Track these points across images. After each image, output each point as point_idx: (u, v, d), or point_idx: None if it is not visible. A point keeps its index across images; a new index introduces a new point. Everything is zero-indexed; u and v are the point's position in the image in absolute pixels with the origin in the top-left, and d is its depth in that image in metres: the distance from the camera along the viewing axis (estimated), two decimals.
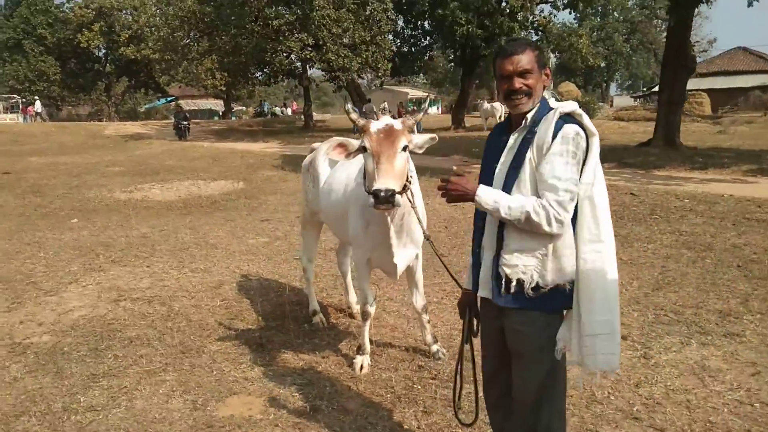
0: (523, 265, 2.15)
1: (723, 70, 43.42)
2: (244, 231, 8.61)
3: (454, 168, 4.79)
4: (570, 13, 36.35)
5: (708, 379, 3.70)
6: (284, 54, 24.53)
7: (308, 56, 23.90)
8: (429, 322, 4.18)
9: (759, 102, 40.46)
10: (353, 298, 5.09)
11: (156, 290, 5.75)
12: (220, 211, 10.53)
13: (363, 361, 4.01)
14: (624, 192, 10.25)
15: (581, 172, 2.10)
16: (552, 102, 2.24)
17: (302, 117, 40.37)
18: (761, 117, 32.26)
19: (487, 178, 2.33)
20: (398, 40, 31.40)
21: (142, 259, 6.97)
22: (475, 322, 2.55)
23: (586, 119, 2.15)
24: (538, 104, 2.21)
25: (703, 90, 36.36)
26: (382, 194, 2.82)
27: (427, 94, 67.09)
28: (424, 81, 57.50)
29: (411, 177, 3.31)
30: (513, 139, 2.24)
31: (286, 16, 23.51)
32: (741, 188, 10.37)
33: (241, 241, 7.89)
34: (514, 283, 2.16)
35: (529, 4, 26.57)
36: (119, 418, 3.42)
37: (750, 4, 13.83)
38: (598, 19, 56.17)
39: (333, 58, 23.73)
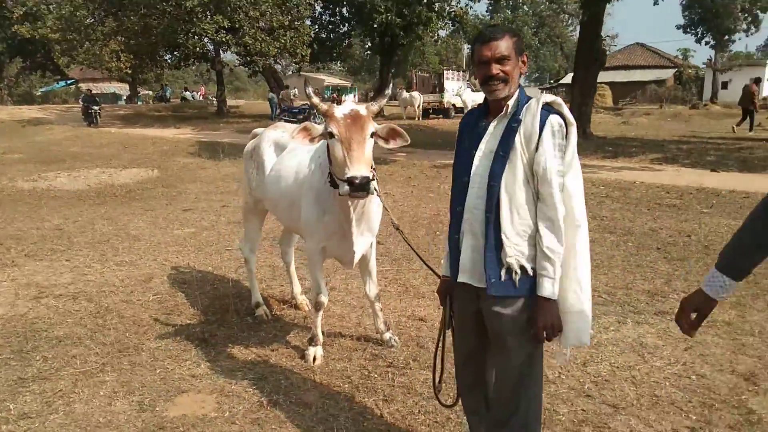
0: (520, 253, 2.16)
1: (623, 65, 46.15)
2: (166, 221, 8.20)
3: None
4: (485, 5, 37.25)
5: (647, 355, 3.91)
6: (197, 37, 23.46)
7: (223, 39, 23.02)
8: (381, 310, 4.14)
9: (654, 95, 43.40)
10: (297, 288, 4.96)
11: (80, 286, 5.36)
12: (137, 201, 9.99)
13: (316, 352, 3.92)
14: None
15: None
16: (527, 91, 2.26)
17: (213, 102, 39.12)
18: (657, 109, 34.60)
19: (463, 165, 2.31)
20: (316, 26, 30.97)
21: (60, 252, 6.48)
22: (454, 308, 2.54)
23: (565, 109, 2.19)
24: (517, 91, 2.22)
25: (605, 83, 38.37)
26: (358, 181, 2.77)
27: (347, 82, 66.79)
28: (341, 68, 57.12)
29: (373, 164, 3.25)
30: (493, 126, 2.24)
31: None
32: (650, 175, 11.06)
33: (165, 232, 7.52)
34: (516, 271, 2.16)
35: None
36: (58, 424, 3.14)
37: (656, 3, 14.69)
38: (509, 12, 57.87)
39: (250, 42, 23.01)
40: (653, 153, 13.80)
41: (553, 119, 2.12)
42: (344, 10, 31.27)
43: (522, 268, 2.17)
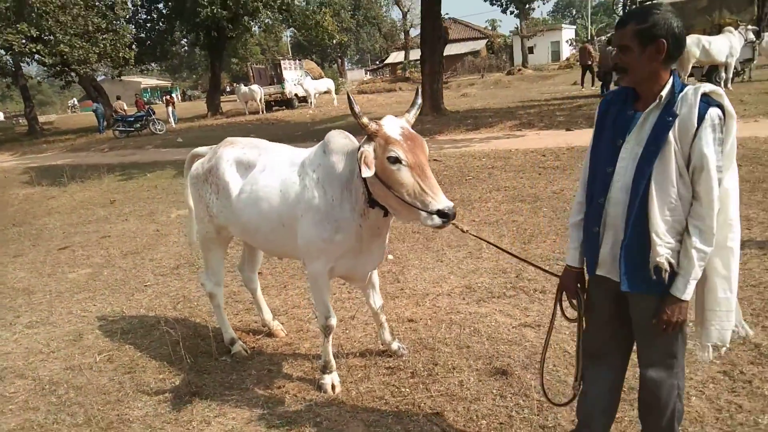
0: (671, 250, 2.12)
1: None
2: (48, 265, 7.12)
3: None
4: None
5: None
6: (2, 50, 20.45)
7: (33, 50, 20.31)
8: (386, 320, 3.95)
9: (473, 66, 46.55)
10: (268, 314, 4.57)
11: None
12: None
13: (333, 379, 3.64)
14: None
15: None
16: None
17: (19, 121, 34.77)
18: (479, 79, 37.13)
19: (606, 154, 2.22)
20: (133, 26, 28.54)
21: None
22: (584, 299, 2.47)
23: (726, 100, 2.07)
24: (671, 80, 2.11)
25: None
26: (450, 211, 2.64)
27: (167, 82, 62.63)
28: (158, 68, 53.48)
29: None
30: (644, 117, 2.14)
31: None
32: (517, 142, 11.81)
33: (57, 279, 6.52)
34: (666, 269, 2.13)
35: None
36: None
37: None
38: None
39: (67, 50, 20.54)
40: (509, 121, 14.77)
41: (713, 112, 2.01)
42: (160, 6, 29.20)
43: (671, 265, 2.13)
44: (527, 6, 47.14)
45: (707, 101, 2.04)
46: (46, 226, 9.60)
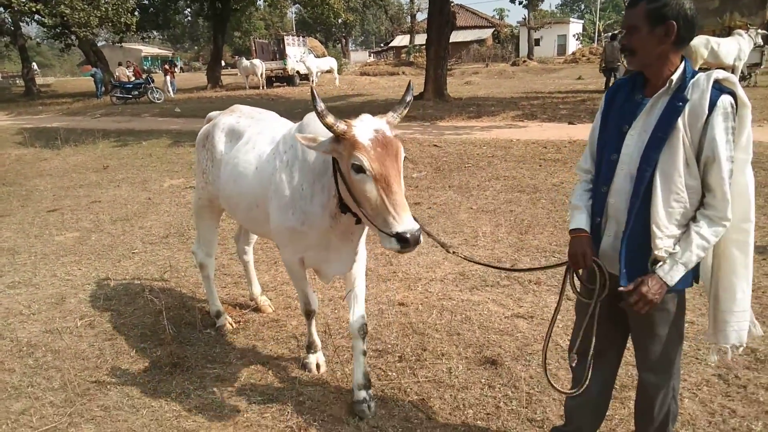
0: (673, 243, 2.03)
1: None
2: (36, 227, 6.98)
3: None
4: None
5: None
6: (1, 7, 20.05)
7: (33, 9, 19.93)
8: (365, 353, 3.20)
9: (478, 54, 46.20)
10: (257, 289, 4.47)
11: None
12: None
13: (317, 359, 3.55)
14: (427, 144, 10.80)
15: (734, 147, 1.97)
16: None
17: (16, 81, 34.37)
18: (484, 68, 36.85)
19: (611, 140, 2.12)
20: None
21: None
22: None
23: (739, 89, 1.96)
24: (682, 65, 2.00)
25: None
26: (411, 236, 2.25)
27: (168, 52, 61.99)
28: (160, 37, 52.83)
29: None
30: (652, 102, 2.03)
31: None
32: (520, 132, 11.68)
33: (45, 240, 6.39)
34: (665, 261, 2.03)
35: None
36: None
37: None
38: None
39: (67, 12, 20.15)
40: (511, 111, 14.62)
41: (725, 99, 1.90)
42: None
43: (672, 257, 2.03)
44: None
45: (719, 88, 1.94)
46: (37, 187, 9.43)
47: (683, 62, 2.01)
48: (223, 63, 35.52)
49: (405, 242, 2.25)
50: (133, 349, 3.88)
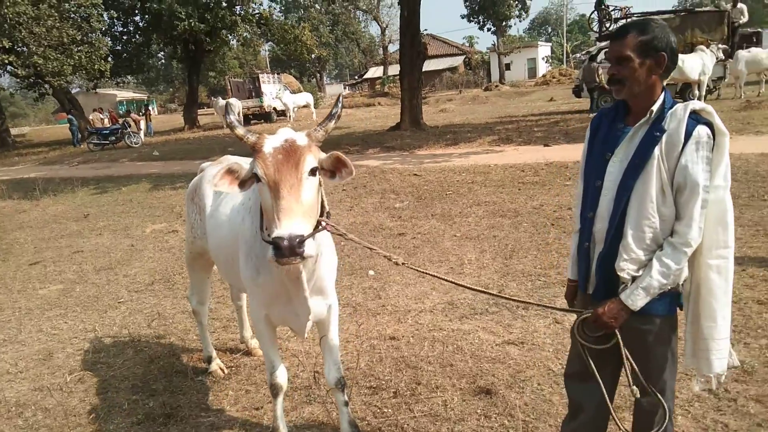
0: (637, 268, 2.09)
1: None
2: (18, 281, 6.89)
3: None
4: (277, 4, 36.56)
5: None
6: None
7: (5, 61, 19.93)
8: (347, 404, 3.14)
9: (450, 82, 46.99)
10: (248, 332, 4.45)
11: None
12: None
13: None
14: (407, 174, 10.91)
15: (712, 175, 2.02)
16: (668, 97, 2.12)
17: None
18: (457, 94, 37.46)
19: (596, 168, 2.19)
20: (108, 39, 28.20)
21: None
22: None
23: (716, 118, 2.02)
24: (662, 95, 2.08)
25: None
26: (285, 242, 2.04)
27: (143, 95, 62.08)
28: (135, 81, 52.96)
29: (327, 207, 2.57)
30: (633, 131, 2.11)
31: None
32: (497, 157, 11.85)
33: (27, 295, 6.31)
34: (627, 285, 2.09)
35: None
36: None
37: None
38: (302, 11, 58.19)
39: (41, 62, 20.18)
40: (488, 136, 14.83)
41: (701, 130, 1.97)
42: (137, 18, 28.93)
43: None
44: (504, 23, 47.87)
45: (696, 119, 2.01)
46: (17, 240, 9.33)
47: (664, 92, 2.09)
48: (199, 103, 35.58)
49: (277, 248, 2.06)
50: (125, 402, 3.83)
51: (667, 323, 2.19)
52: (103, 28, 26.24)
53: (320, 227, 2.37)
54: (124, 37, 29.38)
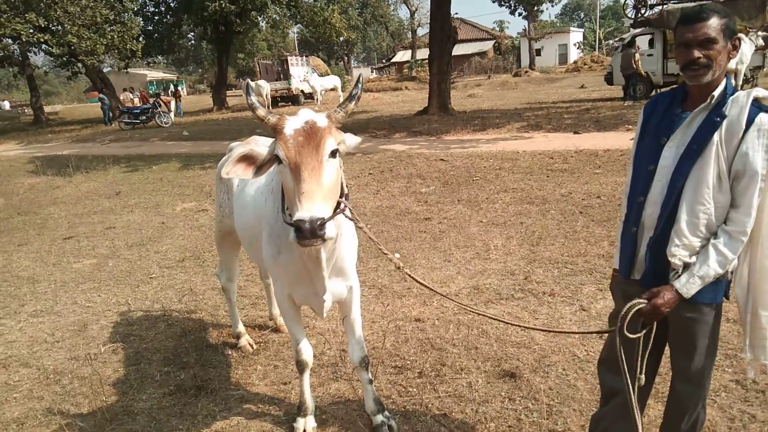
0: (689, 254, 2.07)
1: None
2: (53, 255, 7.10)
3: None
4: None
5: None
6: (10, 39, 20.42)
7: (41, 40, 20.30)
8: (372, 381, 3.20)
9: (479, 67, 46.50)
10: (276, 310, 4.54)
11: (1, 350, 4.43)
12: None
13: (305, 424, 3.18)
14: (434, 159, 10.89)
15: None
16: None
17: (25, 111, 34.81)
18: (486, 79, 37.10)
19: (649, 152, 2.17)
20: (140, 19, 28.53)
21: None
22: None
23: None
24: (724, 81, 2.06)
25: None
26: (307, 225, 2.04)
27: (172, 75, 62.71)
28: (165, 61, 53.51)
29: (346, 189, 2.55)
30: (692, 116, 2.09)
31: None
32: (525, 144, 11.75)
33: (63, 268, 6.50)
34: (678, 272, 2.08)
35: None
36: None
37: None
38: None
39: (74, 41, 20.52)
40: (516, 122, 14.70)
41: (764, 118, 1.94)
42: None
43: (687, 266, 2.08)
44: (535, 8, 47.07)
45: (759, 106, 1.98)
46: (51, 215, 9.58)
47: (725, 78, 2.06)
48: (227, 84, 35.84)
49: (298, 231, 2.06)
50: (157, 373, 3.95)
51: (713, 311, 2.17)
52: (136, 8, 26.57)
53: (339, 209, 2.37)
54: (156, 18, 29.68)
